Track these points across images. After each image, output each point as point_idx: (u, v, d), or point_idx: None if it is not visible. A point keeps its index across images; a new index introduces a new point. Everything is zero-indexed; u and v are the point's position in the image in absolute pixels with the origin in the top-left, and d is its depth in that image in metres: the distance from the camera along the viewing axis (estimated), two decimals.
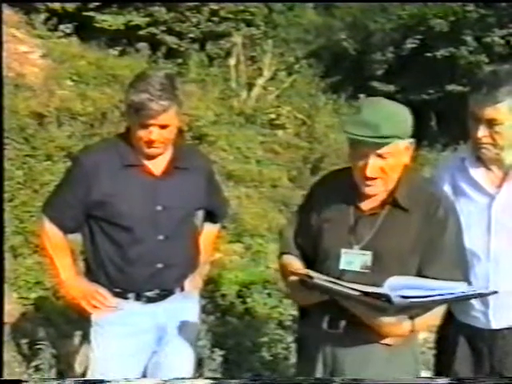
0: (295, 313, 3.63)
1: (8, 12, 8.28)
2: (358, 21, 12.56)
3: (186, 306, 3.04)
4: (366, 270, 2.49)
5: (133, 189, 2.85)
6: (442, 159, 9.68)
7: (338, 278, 2.44)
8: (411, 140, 2.50)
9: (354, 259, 2.52)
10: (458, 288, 2.33)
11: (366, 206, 2.55)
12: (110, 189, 2.83)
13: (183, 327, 3.01)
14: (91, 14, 10.08)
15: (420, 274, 2.47)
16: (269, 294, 5.27)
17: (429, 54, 11.14)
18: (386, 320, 2.42)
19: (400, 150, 2.46)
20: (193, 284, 3.06)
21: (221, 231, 3.50)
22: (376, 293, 2.26)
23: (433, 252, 2.50)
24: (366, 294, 2.27)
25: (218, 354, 4.10)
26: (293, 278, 2.56)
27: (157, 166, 2.89)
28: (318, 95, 10.74)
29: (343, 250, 2.53)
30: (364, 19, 12.48)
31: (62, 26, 9.40)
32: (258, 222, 6.71)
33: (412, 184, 2.55)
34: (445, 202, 2.56)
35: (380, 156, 2.43)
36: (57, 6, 9.64)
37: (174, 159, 2.92)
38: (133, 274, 2.88)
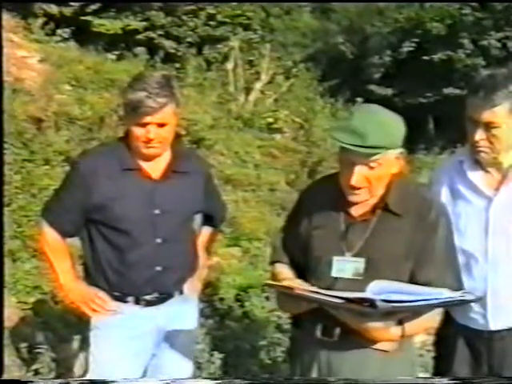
0: None
1: (5, 17, 8.28)
2: (355, 24, 12.58)
3: (185, 309, 3.04)
4: (359, 277, 2.44)
5: (131, 193, 2.86)
6: (439, 162, 9.75)
7: (330, 286, 2.43)
8: (401, 150, 2.44)
9: (345, 266, 2.48)
10: (443, 294, 2.31)
11: (356, 212, 2.50)
12: (108, 193, 2.84)
13: (182, 330, 3.02)
14: (89, 18, 10.12)
15: (413, 279, 2.45)
16: (267, 298, 5.27)
17: (426, 58, 11.18)
18: (374, 325, 2.38)
19: (389, 161, 2.41)
20: (192, 287, 3.06)
21: (219, 235, 3.51)
22: (359, 298, 2.23)
23: (425, 256, 2.46)
24: (349, 300, 2.24)
25: (217, 358, 4.11)
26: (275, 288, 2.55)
27: (155, 170, 2.90)
28: (315, 99, 10.77)
29: (335, 258, 2.49)
30: (361, 23, 12.50)
31: (59, 31, 9.43)
32: (256, 225, 6.72)
33: (403, 189, 2.51)
34: (436, 206, 2.53)
35: (367, 165, 2.38)
36: (54, 10, 9.67)
37: (173, 163, 2.93)
38: (132, 278, 2.89)
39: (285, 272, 2.66)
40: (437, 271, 2.46)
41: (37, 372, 3.86)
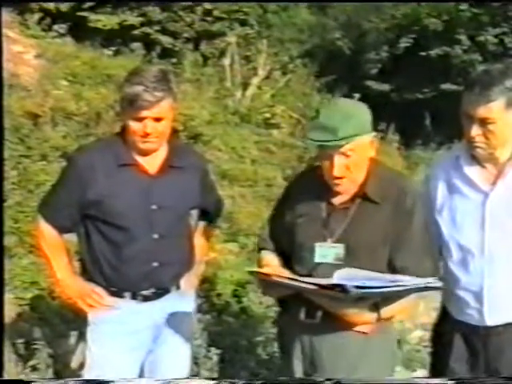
0: None
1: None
2: (352, 20, 12.57)
3: (182, 304, 3.04)
4: (340, 262, 2.58)
5: (128, 188, 2.86)
6: (436, 158, 9.75)
7: (313, 271, 2.61)
8: (373, 134, 2.60)
9: (327, 252, 2.62)
10: (410, 281, 2.43)
11: (337, 200, 2.65)
12: (105, 188, 2.83)
13: (179, 326, 3.02)
14: (85, 13, 10.06)
15: (390, 265, 2.60)
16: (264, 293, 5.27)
17: (423, 53, 11.16)
18: (348, 310, 2.54)
19: (363, 146, 2.56)
20: (189, 283, 3.06)
21: (216, 230, 3.51)
22: (331, 284, 2.39)
23: (402, 242, 2.59)
24: (322, 286, 2.40)
25: (214, 353, 4.11)
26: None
27: (152, 165, 2.90)
28: (312, 94, 10.73)
29: (317, 244, 2.63)
30: (358, 19, 12.49)
31: (55, 26, 9.39)
32: (253, 221, 6.70)
33: (381, 177, 2.64)
34: (412, 194, 2.65)
35: (344, 154, 2.53)
36: (51, 6, 9.61)
37: (169, 158, 2.93)
38: (128, 273, 2.89)
39: (268, 258, 2.82)
40: (413, 257, 2.59)
41: (34, 368, 3.86)
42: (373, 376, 2.68)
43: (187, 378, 3.09)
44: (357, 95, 9.49)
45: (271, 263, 2.77)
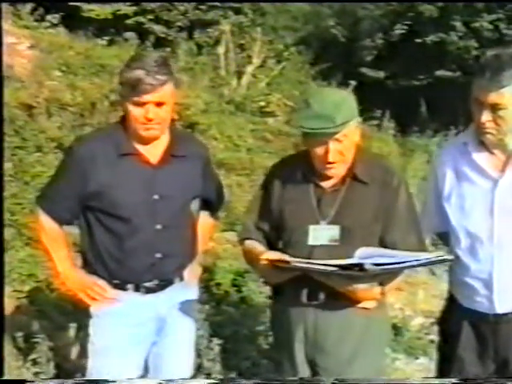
0: None
1: None
2: (347, 7, 12.51)
3: (186, 295, 3.00)
4: (335, 243, 2.67)
5: (129, 178, 2.81)
6: (432, 144, 9.75)
7: (309, 253, 2.66)
8: (359, 119, 2.72)
9: (321, 234, 2.69)
10: (422, 255, 2.52)
11: (327, 184, 2.74)
12: (106, 179, 2.79)
13: (183, 317, 2.98)
14: (78, 3, 9.98)
15: (381, 241, 2.70)
16: (264, 283, 5.25)
17: (418, 40, 11.11)
18: (360, 287, 2.63)
19: (352, 131, 2.67)
20: (192, 274, 3.02)
21: (217, 220, 3.47)
22: (350, 264, 2.47)
23: (390, 219, 2.71)
24: (341, 267, 2.48)
25: (216, 344, 4.08)
26: (264, 262, 2.67)
27: (153, 155, 2.85)
28: (307, 82, 10.69)
29: (311, 227, 2.70)
30: (352, 6, 12.43)
31: (48, 17, 9.28)
32: None
33: (368, 160, 2.77)
34: (397, 174, 2.80)
35: (337, 140, 2.62)
36: None
37: (171, 147, 2.88)
38: (131, 265, 2.84)
39: (258, 247, 2.84)
40: (400, 233, 2.71)
41: (35, 362, 3.82)
42: (374, 353, 2.81)
43: (189, 378, 3.06)
44: (352, 82, 9.47)
45: (264, 250, 2.78)
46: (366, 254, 2.51)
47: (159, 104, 2.75)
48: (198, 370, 3.80)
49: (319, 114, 2.58)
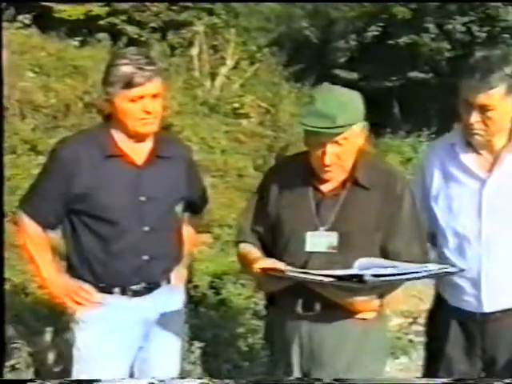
0: None
1: None
2: (320, 8, 12.52)
3: (173, 299, 2.97)
4: (333, 251, 2.56)
5: (115, 180, 2.76)
6: (405, 146, 9.80)
7: (305, 261, 2.55)
8: (364, 123, 2.58)
9: (319, 241, 2.57)
10: (427, 267, 2.42)
11: (326, 188, 2.62)
12: (91, 181, 2.74)
13: (170, 321, 2.94)
14: (50, 4, 9.89)
15: (383, 250, 2.58)
16: (242, 285, 5.23)
17: (391, 42, 11.15)
18: (359, 299, 2.53)
19: (355, 134, 2.54)
20: (178, 276, 2.99)
21: (201, 222, 3.44)
22: (348, 275, 2.35)
23: (393, 227, 2.59)
24: (338, 278, 2.36)
25: (197, 347, 4.05)
26: (258, 270, 2.58)
27: (139, 156, 2.81)
28: (281, 84, 10.68)
29: (309, 233, 2.58)
30: (325, 7, 12.44)
31: (20, 17, 9.20)
32: (226, 211, 6.66)
33: (370, 164, 2.64)
34: (401, 180, 2.66)
35: (336, 143, 2.51)
36: None
37: (156, 148, 2.84)
38: (118, 268, 2.79)
39: (254, 252, 2.73)
40: (403, 242, 2.59)
41: (13, 368, 3.75)
42: (372, 364, 2.69)
43: (179, 378, 3.03)
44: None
45: (259, 257, 2.69)
46: (365, 265, 2.40)
47: (155, 95, 2.72)
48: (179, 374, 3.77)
49: (321, 113, 2.47)
